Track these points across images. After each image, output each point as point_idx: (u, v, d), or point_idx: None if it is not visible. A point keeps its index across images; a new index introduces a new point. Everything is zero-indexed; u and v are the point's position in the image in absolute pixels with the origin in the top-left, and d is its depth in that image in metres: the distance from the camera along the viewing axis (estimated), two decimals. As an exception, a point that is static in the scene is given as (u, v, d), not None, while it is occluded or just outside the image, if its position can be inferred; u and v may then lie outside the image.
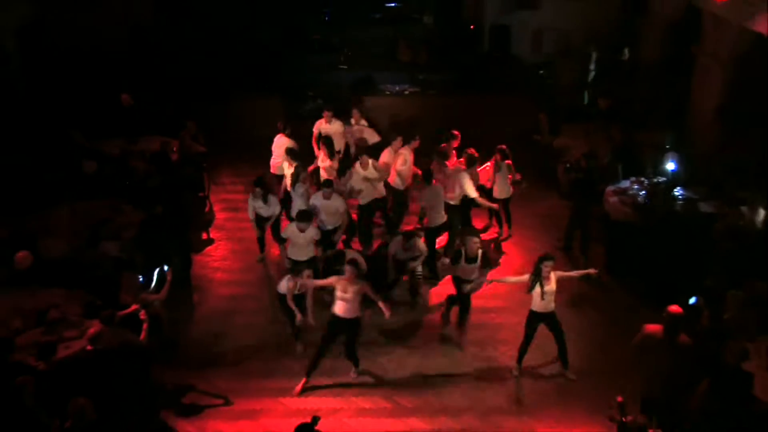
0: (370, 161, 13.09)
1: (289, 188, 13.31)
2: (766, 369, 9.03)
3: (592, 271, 10.83)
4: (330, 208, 12.35)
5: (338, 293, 10.28)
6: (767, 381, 8.87)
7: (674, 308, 8.98)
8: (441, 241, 13.29)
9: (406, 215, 13.88)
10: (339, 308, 10.33)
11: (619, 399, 8.55)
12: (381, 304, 10.37)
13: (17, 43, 16.82)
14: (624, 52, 18.68)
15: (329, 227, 12.45)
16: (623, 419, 8.08)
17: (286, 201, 13.43)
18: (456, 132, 13.98)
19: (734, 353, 8.83)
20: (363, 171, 13.06)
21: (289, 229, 11.91)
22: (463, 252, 11.07)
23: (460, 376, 10.87)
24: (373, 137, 14.68)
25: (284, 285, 10.81)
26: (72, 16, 18.05)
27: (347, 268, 10.32)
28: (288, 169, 13.38)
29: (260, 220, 12.94)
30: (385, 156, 13.59)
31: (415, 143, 13.59)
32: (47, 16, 17.88)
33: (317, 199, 12.40)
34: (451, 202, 13.06)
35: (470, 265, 11.11)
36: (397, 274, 12.34)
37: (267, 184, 12.70)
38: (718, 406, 8.64)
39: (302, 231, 11.62)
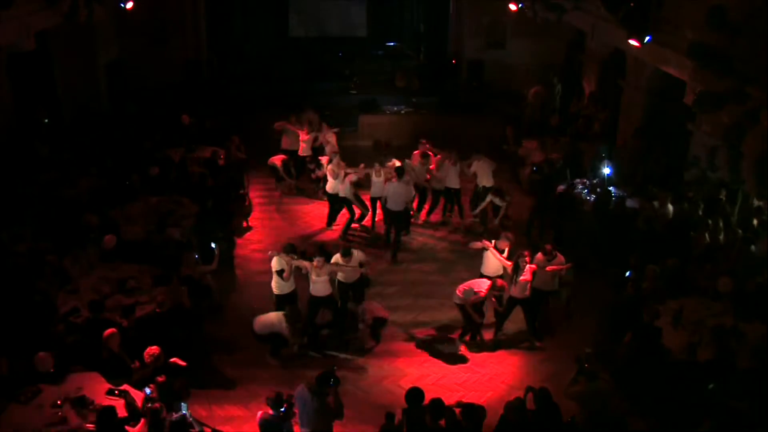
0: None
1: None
2: (671, 325, 9.35)
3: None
4: (351, 265, 10.74)
5: (312, 277, 10.08)
6: (672, 334, 9.22)
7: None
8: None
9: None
10: (314, 290, 10.18)
11: (587, 350, 8.76)
12: (343, 267, 10.49)
13: (106, 76, 17.22)
14: (556, 83, 18.74)
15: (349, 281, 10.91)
16: (585, 365, 8.23)
17: None
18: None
19: (649, 313, 9.19)
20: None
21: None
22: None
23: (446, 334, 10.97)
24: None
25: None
26: (143, 55, 18.23)
27: (316, 257, 10.09)
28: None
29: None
30: None
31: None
32: (125, 54, 18.10)
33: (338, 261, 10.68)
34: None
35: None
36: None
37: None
38: (637, 353, 9.08)
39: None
